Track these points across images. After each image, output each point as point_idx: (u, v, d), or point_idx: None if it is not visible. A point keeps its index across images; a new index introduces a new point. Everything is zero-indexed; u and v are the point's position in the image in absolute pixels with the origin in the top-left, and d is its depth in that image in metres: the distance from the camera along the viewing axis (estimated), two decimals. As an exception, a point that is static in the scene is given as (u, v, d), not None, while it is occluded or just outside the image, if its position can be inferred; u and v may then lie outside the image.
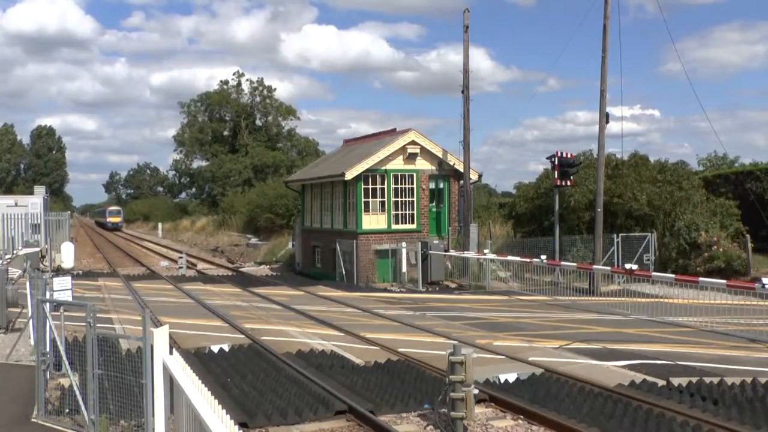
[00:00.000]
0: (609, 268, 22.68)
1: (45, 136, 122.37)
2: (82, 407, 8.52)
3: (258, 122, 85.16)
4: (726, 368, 11.99)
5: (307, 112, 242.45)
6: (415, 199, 29.24)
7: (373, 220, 28.74)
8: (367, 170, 28.23)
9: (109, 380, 8.47)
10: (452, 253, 27.58)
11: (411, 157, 29.01)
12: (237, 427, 4.55)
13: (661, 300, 19.35)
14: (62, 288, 13.67)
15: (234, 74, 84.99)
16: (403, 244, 27.76)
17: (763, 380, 10.84)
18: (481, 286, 25.75)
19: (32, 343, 12.57)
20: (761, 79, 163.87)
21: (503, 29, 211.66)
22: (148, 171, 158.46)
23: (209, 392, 5.36)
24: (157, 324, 14.20)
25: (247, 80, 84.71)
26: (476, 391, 8.80)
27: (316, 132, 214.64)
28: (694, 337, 15.36)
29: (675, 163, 35.31)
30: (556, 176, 27.62)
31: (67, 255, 32.41)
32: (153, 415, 7.06)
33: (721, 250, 24.83)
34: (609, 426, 8.79)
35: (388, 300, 22.75)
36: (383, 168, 28.67)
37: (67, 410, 9.23)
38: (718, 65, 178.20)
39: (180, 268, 33.74)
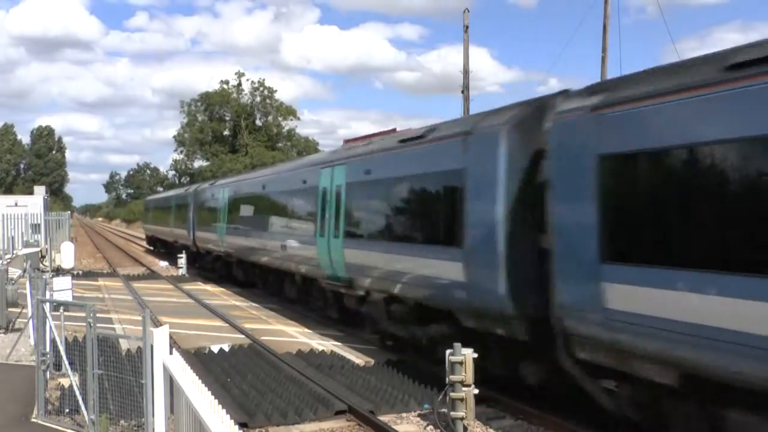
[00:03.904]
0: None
1: (45, 136, 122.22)
2: (82, 407, 8.51)
3: (258, 122, 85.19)
4: None
5: (309, 112, 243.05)
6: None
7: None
8: (368, 170, 27.23)
9: (109, 380, 8.48)
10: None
11: (411, 157, 28.09)
12: (237, 427, 4.55)
13: None
14: (62, 288, 13.70)
15: (235, 74, 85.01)
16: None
17: None
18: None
19: (32, 343, 12.57)
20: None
21: (505, 30, 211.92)
22: (148, 171, 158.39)
23: (209, 392, 5.36)
24: (157, 324, 14.20)
25: (248, 80, 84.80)
26: (476, 391, 8.79)
27: (318, 132, 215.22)
28: None
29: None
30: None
31: (67, 255, 32.38)
32: (153, 415, 7.06)
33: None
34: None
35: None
36: (384, 168, 27.66)
37: (67, 410, 9.23)
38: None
39: (180, 268, 33.71)
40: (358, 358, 12.98)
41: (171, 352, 6.88)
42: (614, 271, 7.33)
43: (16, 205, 37.63)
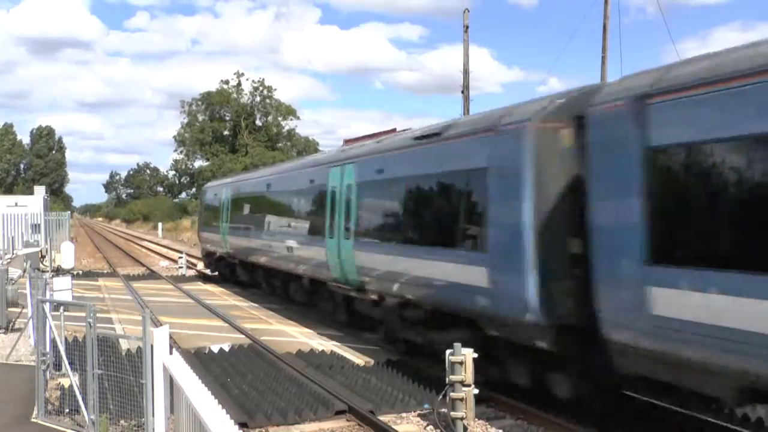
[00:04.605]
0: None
1: (45, 136, 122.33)
2: (82, 407, 8.52)
3: (258, 122, 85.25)
4: None
5: (309, 112, 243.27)
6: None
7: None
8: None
9: (109, 380, 8.48)
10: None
11: (411, 157, 27.99)
12: (237, 427, 4.55)
13: None
14: (62, 288, 13.71)
15: (234, 74, 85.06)
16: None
17: None
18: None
19: (32, 343, 12.58)
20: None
21: (505, 30, 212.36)
22: (148, 171, 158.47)
23: (209, 392, 5.36)
24: (157, 324, 14.20)
25: (248, 80, 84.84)
26: (476, 391, 8.80)
27: (318, 132, 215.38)
28: None
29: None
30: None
31: (67, 255, 32.38)
32: (153, 415, 7.06)
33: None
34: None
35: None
36: (383, 168, 27.58)
37: (67, 410, 9.23)
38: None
39: (180, 268, 33.70)
40: (358, 358, 12.99)
41: (171, 352, 6.88)
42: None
43: (16, 205, 37.68)
